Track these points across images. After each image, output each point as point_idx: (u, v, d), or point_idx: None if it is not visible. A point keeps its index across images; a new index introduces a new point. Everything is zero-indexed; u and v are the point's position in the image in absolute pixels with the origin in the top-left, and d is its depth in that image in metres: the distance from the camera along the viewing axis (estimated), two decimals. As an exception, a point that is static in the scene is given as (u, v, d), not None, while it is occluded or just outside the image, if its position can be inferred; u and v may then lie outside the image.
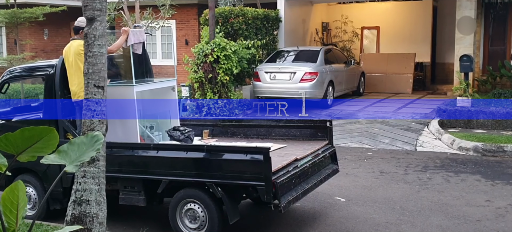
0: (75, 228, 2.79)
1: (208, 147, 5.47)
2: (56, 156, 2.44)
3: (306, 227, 5.85)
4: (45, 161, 2.46)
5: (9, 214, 2.41)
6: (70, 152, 2.47)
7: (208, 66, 12.34)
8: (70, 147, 2.46)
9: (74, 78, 6.13)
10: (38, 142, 2.26)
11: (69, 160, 2.46)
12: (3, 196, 2.46)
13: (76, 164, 2.47)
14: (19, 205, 2.42)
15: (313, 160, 5.85)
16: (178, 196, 5.48)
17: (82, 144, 2.51)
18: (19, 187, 2.44)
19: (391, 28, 18.57)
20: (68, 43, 6.37)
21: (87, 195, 4.69)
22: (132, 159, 5.70)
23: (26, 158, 2.34)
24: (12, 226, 2.42)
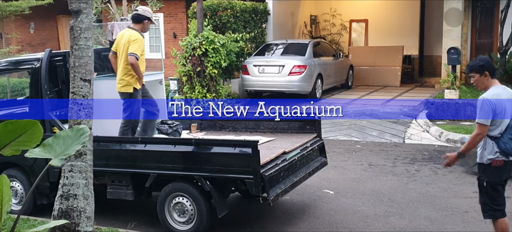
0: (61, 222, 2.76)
1: (197, 140, 5.45)
2: (41, 150, 2.40)
3: (295, 219, 5.86)
4: (30, 154, 2.43)
5: (-7, 208, 2.38)
6: (55, 145, 2.43)
7: (196, 59, 12.29)
8: (55, 140, 2.43)
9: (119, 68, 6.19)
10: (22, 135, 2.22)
11: (54, 153, 2.43)
12: None
13: (61, 157, 2.44)
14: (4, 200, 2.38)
15: (301, 153, 5.85)
16: (166, 190, 5.46)
17: (68, 138, 2.48)
18: (3, 181, 2.40)
19: (379, 21, 18.64)
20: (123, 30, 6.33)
21: (74, 190, 4.65)
22: (120, 153, 5.66)
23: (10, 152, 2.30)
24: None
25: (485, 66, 4.49)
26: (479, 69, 4.50)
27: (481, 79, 4.52)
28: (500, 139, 4.38)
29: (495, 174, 4.46)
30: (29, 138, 2.26)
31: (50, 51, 6.18)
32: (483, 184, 4.52)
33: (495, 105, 4.34)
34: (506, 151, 4.38)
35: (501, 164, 4.42)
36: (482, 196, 4.58)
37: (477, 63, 4.55)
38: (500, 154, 4.40)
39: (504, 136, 4.37)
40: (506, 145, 4.37)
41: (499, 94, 4.43)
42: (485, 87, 4.55)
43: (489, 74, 4.49)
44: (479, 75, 4.51)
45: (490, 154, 4.44)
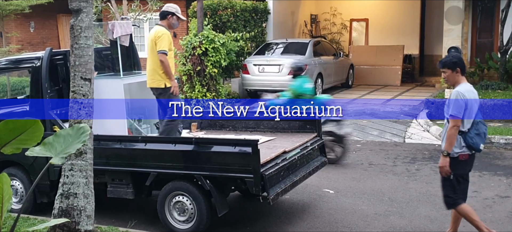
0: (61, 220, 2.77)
1: (197, 139, 5.44)
2: (41, 148, 2.40)
3: (295, 219, 5.86)
4: (30, 153, 2.43)
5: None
6: (55, 144, 2.43)
7: (196, 58, 12.28)
8: (55, 139, 2.43)
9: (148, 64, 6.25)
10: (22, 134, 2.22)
11: (55, 152, 2.43)
12: None
13: (62, 156, 2.44)
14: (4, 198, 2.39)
15: (301, 153, 5.85)
16: (166, 188, 5.46)
17: (68, 136, 2.48)
18: (3, 180, 2.40)
19: (380, 20, 18.64)
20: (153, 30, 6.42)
21: (74, 188, 4.65)
22: (120, 152, 5.66)
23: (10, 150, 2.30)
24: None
25: (458, 63, 4.71)
26: (452, 66, 4.72)
27: (453, 75, 4.73)
28: (467, 134, 4.62)
29: (462, 167, 4.70)
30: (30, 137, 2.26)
31: (51, 49, 6.18)
32: (449, 177, 4.70)
33: (467, 100, 4.57)
34: (471, 146, 4.62)
35: (466, 158, 4.67)
36: (446, 188, 4.80)
37: (450, 59, 4.77)
38: (466, 148, 4.63)
39: (471, 131, 4.61)
40: (472, 140, 4.61)
41: (470, 90, 4.67)
42: (455, 83, 4.76)
43: (460, 70, 4.71)
44: (451, 71, 4.72)
45: (457, 148, 4.63)
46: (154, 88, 6.21)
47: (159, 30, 6.25)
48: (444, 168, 4.69)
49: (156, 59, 6.17)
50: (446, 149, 4.64)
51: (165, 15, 6.38)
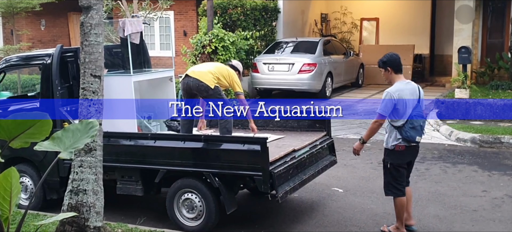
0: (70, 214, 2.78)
1: (206, 137, 5.46)
2: (50, 143, 2.42)
3: (303, 217, 5.85)
4: (39, 147, 2.44)
5: (2, 201, 2.39)
6: (64, 138, 2.45)
7: (206, 57, 12.30)
8: (64, 133, 2.44)
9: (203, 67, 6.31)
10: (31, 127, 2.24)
11: (63, 146, 2.44)
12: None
13: (70, 150, 2.45)
14: (12, 192, 2.40)
15: (310, 151, 5.84)
16: (175, 186, 5.47)
17: (77, 131, 2.49)
18: (12, 174, 2.42)
19: (390, 19, 18.54)
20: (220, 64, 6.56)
21: (84, 185, 4.68)
22: (130, 149, 5.68)
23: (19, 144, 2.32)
24: (6, 213, 2.40)
25: (387, 62, 5.05)
26: (382, 65, 5.10)
27: (386, 74, 5.10)
28: (402, 129, 4.96)
29: (398, 157, 5.08)
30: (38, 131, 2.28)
31: (61, 47, 6.21)
32: (387, 165, 5.14)
33: (396, 101, 4.90)
34: (407, 139, 4.97)
35: (403, 149, 5.03)
36: (386, 176, 5.21)
37: (381, 59, 5.15)
38: (402, 140, 5.00)
39: (406, 126, 4.94)
40: (408, 133, 4.95)
41: (402, 89, 4.96)
42: (390, 81, 5.12)
43: (391, 69, 5.04)
44: (384, 71, 5.10)
45: (394, 140, 5.03)
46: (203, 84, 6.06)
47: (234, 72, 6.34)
48: (356, 150, 5.27)
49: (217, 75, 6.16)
50: (364, 138, 5.20)
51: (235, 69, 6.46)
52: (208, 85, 6.00)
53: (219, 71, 6.21)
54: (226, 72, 6.24)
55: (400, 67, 5.09)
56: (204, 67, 6.33)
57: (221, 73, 6.19)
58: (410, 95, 4.97)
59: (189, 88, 6.12)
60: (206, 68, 6.28)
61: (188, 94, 6.21)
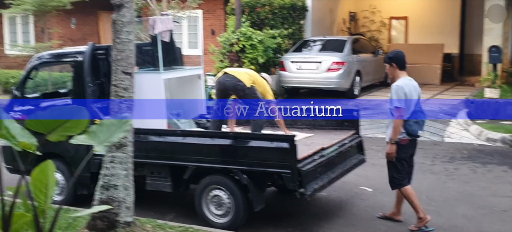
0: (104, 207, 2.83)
1: (234, 134, 5.48)
2: (85, 137, 2.46)
3: (331, 215, 5.82)
4: (75, 141, 2.49)
5: (39, 193, 2.45)
6: (99, 133, 2.49)
7: (234, 55, 12.35)
8: (99, 128, 2.48)
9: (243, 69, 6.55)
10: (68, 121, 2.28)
11: (98, 141, 2.49)
12: (33, 176, 2.50)
13: (105, 145, 2.50)
14: (49, 185, 2.46)
15: (339, 150, 5.81)
16: (204, 182, 5.51)
17: (111, 126, 2.54)
18: (49, 167, 2.47)
19: (419, 18, 18.25)
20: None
21: (115, 180, 4.74)
22: (159, 145, 5.74)
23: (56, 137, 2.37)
24: (42, 205, 2.46)
25: (393, 58, 5.29)
26: (387, 60, 5.34)
27: (391, 69, 5.33)
28: (406, 122, 5.15)
29: (402, 151, 5.24)
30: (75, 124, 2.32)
31: (93, 44, 6.31)
32: (392, 159, 5.28)
33: (405, 90, 5.10)
34: (411, 132, 5.18)
35: (406, 142, 5.23)
36: (390, 170, 5.37)
37: (387, 55, 5.42)
38: (406, 134, 5.18)
39: (410, 120, 5.14)
40: (411, 127, 5.16)
41: (407, 84, 5.18)
42: (394, 77, 5.34)
43: (396, 65, 5.27)
44: (389, 66, 5.32)
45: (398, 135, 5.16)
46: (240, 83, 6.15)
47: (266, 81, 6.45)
48: (391, 154, 5.27)
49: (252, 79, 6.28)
50: (393, 138, 5.20)
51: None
52: (244, 84, 6.08)
53: (254, 76, 6.37)
54: (260, 79, 6.37)
55: (404, 64, 5.32)
56: (240, 69, 6.52)
57: (255, 78, 6.33)
58: (413, 91, 5.19)
59: (225, 87, 6.19)
60: (242, 69, 6.50)
61: (222, 94, 6.27)
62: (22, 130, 2.33)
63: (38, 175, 2.46)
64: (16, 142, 2.30)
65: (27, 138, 2.36)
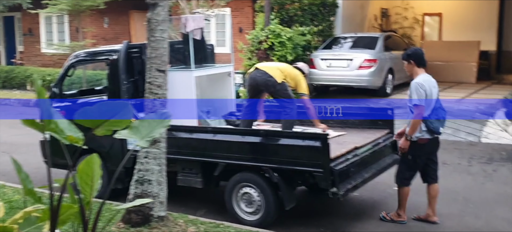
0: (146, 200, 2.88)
1: (266, 131, 5.46)
2: (128, 132, 2.51)
3: (364, 216, 5.74)
4: (119, 136, 2.54)
5: (85, 185, 2.51)
6: (141, 128, 2.54)
7: (262, 53, 12.32)
8: (141, 123, 2.53)
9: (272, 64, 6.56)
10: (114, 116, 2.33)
11: (140, 135, 2.53)
12: (80, 168, 2.57)
13: (147, 139, 2.54)
14: (94, 178, 2.52)
15: (373, 149, 5.73)
16: (234, 179, 5.51)
17: (152, 121, 2.59)
18: (94, 160, 2.53)
19: (454, 14, 17.84)
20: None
21: (149, 175, 4.80)
22: (191, 142, 5.77)
23: (102, 132, 2.42)
24: (88, 197, 2.51)
25: (411, 55, 5.29)
26: (406, 57, 5.33)
27: (409, 66, 5.31)
28: (427, 120, 5.12)
29: (419, 150, 5.23)
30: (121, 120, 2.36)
31: (128, 43, 6.40)
32: (407, 156, 5.27)
33: (425, 87, 5.08)
34: (432, 130, 5.15)
35: (425, 142, 5.21)
36: (401, 166, 5.39)
37: (406, 51, 5.43)
38: (426, 132, 5.16)
39: (431, 116, 5.12)
40: (433, 124, 5.14)
41: (427, 80, 5.18)
42: (412, 74, 5.33)
43: (414, 62, 5.26)
44: (407, 63, 5.31)
45: (417, 133, 5.15)
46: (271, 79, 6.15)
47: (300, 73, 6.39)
48: (404, 149, 5.27)
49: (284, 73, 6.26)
50: (409, 133, 5.19)
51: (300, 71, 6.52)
52: (275, 80, 6.06)
53: (286, 70, 6.32)
54: (293, 73, 6.33)
55: (423, 61, 5.30)
56: (272, 63, 6.46)
57: (288, 72, 6.29)
58: (433, 88, 5.18)
59: (255, 83, 6.18)
60: (274, 64, 6.44)
61: (253, 90, 6.25)
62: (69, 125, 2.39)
63: (84, 168, 2.53)
64: (64, 136, 2.35)
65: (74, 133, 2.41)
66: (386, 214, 5.57)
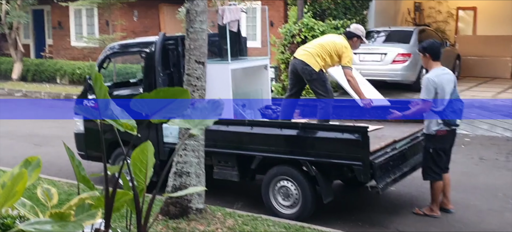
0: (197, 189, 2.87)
1: (303, 124, 5.41)
2: (181, 120, 2.50)
3: (402, 211, 5.65)
4: (172, 124, 2.53)
5: (139, 173, 2.52)
6: (194, 116, 2.52)
7: (295, 46, 12.20)
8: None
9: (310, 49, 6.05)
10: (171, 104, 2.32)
11: (193, 123, 2.52)
12: (133, 156, 2.58)
13: (200, 127, 2.53)
14: (148, 165, 2.53)
15: (411, 143, 5.63)
16: (271, 172, 5.49)
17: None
18: (148, 148, 2.53)
19: (489, 9, 17.38)
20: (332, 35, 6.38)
21: (187, 167, 4.82)
22: (227, 135, 5.75)
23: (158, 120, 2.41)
24: (142, 185, 2.52)
25: (427, 49, 5.30)
26: (421, 50, 5.36)
27: (424, 59, 5.35)
28: (443, 113, 5.16)
29: (440, 142, 5.27)
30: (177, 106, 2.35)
31: (164, 35, 6.41)
32: (429, 150, 5.29)
33: (436, 84, 5.12)
34: (449, 122, 5.19)
35: (444, 133, 5.24)
36: (427, 161, 5.36)
37: (422, 44, 5.43)
38: (444, 125, 5.19)
39: (446, 109, 5.16)
40: (449, 116, 5.17)
41: (440, 75, 5.21)
42: (427, 67, 5.38)
43: (429, 56, 5.27)
44: (423, 56, 5.34)
45: (435, 126, 5.21)
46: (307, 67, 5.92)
47: (348, 45, 5.97)
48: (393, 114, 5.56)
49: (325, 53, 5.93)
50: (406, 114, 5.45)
51: (351, 36, 6.09)
52: (312, 69, 5.89)
53: (326, 47, 5.93)
54: (336, 46, 5.90)
55: (438, 55, 5.32)
56: (313, 47, 6.05)
57: (329, 49, 5.91)
58: (447, 81, 5.21)
59: (295, 69, 6.07)
60: (314, 48, 6.00)
61: (295, 76, 6.13)
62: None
63: (138, 155, 2.53)
64: (120, 123, 2.35)
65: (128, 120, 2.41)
66: (418, 209, 5.52)
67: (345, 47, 5.93)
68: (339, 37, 6.16)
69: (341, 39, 6.04)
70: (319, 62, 5.92)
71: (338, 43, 5.98)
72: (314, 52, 5.97)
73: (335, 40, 6.06)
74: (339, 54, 5.92)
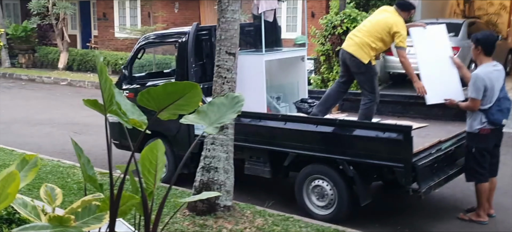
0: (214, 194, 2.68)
1: (341, 121, 5.10)
2: (195, 117, 2.26)
3: (445, 215, 5.26)
4: (185, 121, 2.30)
5: (148, 174, 2.29)
6: (209, 113, 2.28)
7: (336, 38, 11.81)
8: (209, 107, 2.27)
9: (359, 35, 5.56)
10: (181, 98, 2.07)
11: (209, 121, 2.27)
12: (142, 155, 2.36)
13: (216, 126, 2.27)
14: (158, 166, 2.30)
15: (458, 144, 5.21)
16: (305, 171, 5.22)
17: (222, 105, 2.31)
18: (158, 147, 2.30)
19: (545, 0, 16.41)
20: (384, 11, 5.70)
21: (215, 162, 4.62)
22: (259, 129, 5.51)
23: (167, 115, 2.19)
24: (150, 187, 2.30)
25: (480, 41, 4.95)
26: (475, 41, 4.98)
27: (475, 51, 5.00)
28: (489, 111, 4.85)
29: (483, 141, 4.93)
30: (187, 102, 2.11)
31: (197, 25, 6.24)
32: (471, 150, 4.96)
33: (485, 82, 4.80)
34: (494, 122, 4.89)
35: (488, 132, 4.91)
36: (469, 162, 5.02)
37: (476, 35, 5.05)
38: (488, 124, 4.88)
39: (493, 108, 4.85)
40: (494, 116, 4.87)
41: (490, 71, 4.87)
42: (477, 61, 5.08)
43: (481, 49, 4.93)
44: (474, 47, 4.98)
45: (478, 124, 4.89)
46: (355, 60, 5.48)
47: (400, 21, 5.40)
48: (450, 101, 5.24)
49: (375, 38, 5.43)
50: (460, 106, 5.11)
51: (409, 8, 5.51)
52: (360, 61, 5.44)
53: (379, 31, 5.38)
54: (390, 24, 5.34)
55: (491, 50, 4.97)
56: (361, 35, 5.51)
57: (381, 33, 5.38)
58: (497, 78, 4.90)
59: (344, 60, 5.67)
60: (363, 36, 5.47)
61: (345, 66, 5.69)
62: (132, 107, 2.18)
63: (147, 155, 2.30)
64: (127, 118, 2.14)
65: (138, 116, 2.20)
66: (463, 215, 5.16)
67: (400, 28, 5.32)
68: (391, 12, 5.51)
69: (396, 19, 5.40)
70: (369, 53, 5.43)
71: (390, 21, 5.38)
72: (363, 41, 5.44)
73: (387, 18, 5.44)
74: (392, 34, 5.35)
